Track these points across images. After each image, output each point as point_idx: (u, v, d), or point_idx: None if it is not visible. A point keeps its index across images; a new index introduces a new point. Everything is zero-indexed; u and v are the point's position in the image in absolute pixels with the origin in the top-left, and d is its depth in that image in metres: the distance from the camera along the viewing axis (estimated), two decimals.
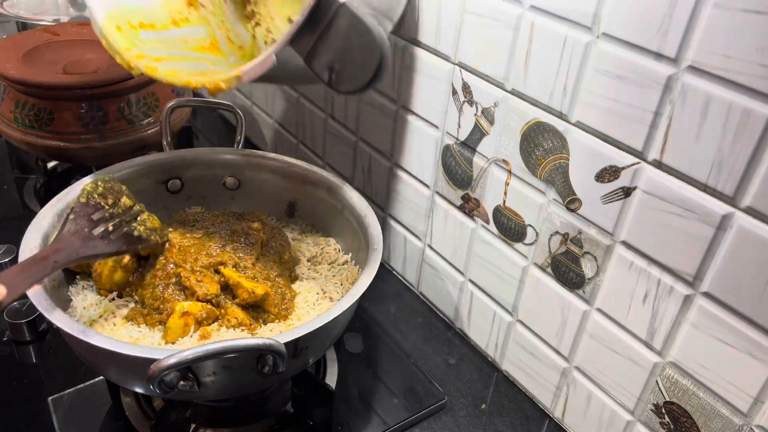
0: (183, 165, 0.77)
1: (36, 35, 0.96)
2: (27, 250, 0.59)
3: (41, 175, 1.01)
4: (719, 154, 0.47)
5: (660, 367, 0.57)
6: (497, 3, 0.61)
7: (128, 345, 0.51)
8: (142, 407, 0.66)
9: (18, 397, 0.67)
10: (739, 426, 0.52)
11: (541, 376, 0.71)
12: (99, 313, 0.62)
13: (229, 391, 0.58)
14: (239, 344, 0.48)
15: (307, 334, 0.53)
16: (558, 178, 0.61)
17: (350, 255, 0.73)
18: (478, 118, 0.68)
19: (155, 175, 0.76)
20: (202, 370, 0.52)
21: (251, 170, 0.78)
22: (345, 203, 0.72)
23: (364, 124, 0.86)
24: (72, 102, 0.85)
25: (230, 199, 0.79)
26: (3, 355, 0.72)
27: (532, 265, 0.67)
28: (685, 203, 0.50)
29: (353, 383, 0.72)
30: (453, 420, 0.70)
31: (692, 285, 0.52)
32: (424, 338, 0.81)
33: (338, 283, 0.69)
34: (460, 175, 0.73)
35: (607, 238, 0.58)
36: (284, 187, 0.78)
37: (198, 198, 0.79)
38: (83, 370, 0.70)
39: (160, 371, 0.47)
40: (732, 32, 0.44)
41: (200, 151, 0.78)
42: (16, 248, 0.81)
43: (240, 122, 0.79)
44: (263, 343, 0.49)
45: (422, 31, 0.71)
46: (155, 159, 0.75)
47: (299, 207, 0.78)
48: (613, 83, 0.53)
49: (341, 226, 0.74)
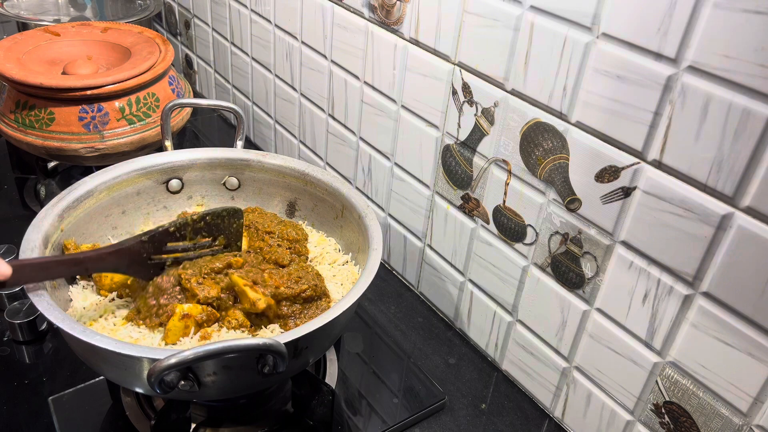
0: (183, 165, 0.77)
1: (36, 35, 0.96)
2: (27, 250, 0.59)
3: (41, 175, 1.01)
4: (719, 154, 0.47)
5: (660, 367, 0.57)
6: (497, 3, 0.61)
7: (129, 345, 0.51)
8: (142, 407, 0.66)
9: (18, 397, 0.67)
10: (738, 426, 0.52)
11: (541, 375, 0.71)
12: (99, 313, 0.62)
13: (230, 391, 0.58)
14: (240, 344, 0.48)
15: (307, 334, 0.53)
16: (558, 178, 0.61)
17: (350, 255, 0.73)
18: (478, 118, 0.68)
19: (155, 175, 0.76)
20: (202, 370, 0.52)
21: (251, 170, 0.78)
22: (345, 203, 0.72)
23: (365, 125, 0.86)
24: (72, 102, 0.85)
25: (230, 199, 0.80)
26: (3, 355, 0.72)
27: (532, 265, 0.67)
28: (684, 203, 0.51)
29: (353, 383, 0.72)
30: (453, 420, 0.70)
31: (692, 285, 0.52)
32: (424, 338, 0.81)
33: (339, 283, 0.69)
34: (460, 175, 0.73)
35: (607, 238, 0.58)
36: (284, 186, 0.78)
37: (198, 198, 0.79)
38: (83, 370, 0.70)
39: (161, 371, 0.47)
40: (732, 32, 0.44)
41: (200, 151, 0.78)
42: (16, 248, 0.82)
43: (240, 123, 0.79)
44: (263, 344, 0.49)
45: (422, 31, 0.71)
46: (155, 159, 0.75)
47: (299, 207, 0.78)
48: (613, 83, 0.53)
49: (341, 226, 0.74)
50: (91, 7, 1.34)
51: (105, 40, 0.98)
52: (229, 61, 1.20)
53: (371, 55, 0.80)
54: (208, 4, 1.20)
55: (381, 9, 0.76)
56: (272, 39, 1.02)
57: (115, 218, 0.73)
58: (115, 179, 0.72)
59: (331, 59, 0.89)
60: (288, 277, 0.63)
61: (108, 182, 0.71)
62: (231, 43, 1.17)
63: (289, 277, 0.63)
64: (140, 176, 0.74)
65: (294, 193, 0.78)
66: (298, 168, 0.76)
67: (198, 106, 0.87)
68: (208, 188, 0.79)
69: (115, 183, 0.72)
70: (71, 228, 0.67)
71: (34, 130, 0.86)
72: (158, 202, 0.76)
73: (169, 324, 0.59)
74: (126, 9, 1.33)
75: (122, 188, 0.73)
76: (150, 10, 1.26)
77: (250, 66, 1.12)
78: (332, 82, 0.90)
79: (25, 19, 1.16)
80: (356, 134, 0.89)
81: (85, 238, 0.69)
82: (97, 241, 0.71)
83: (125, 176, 0.73)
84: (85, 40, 0.98)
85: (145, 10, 1.27)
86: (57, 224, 0.65)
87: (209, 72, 1.30)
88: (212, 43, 1.24)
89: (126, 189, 0.73)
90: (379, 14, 0.77)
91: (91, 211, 0.70)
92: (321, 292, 0.64)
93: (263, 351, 0.49)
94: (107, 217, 0.72)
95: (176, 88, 0.96)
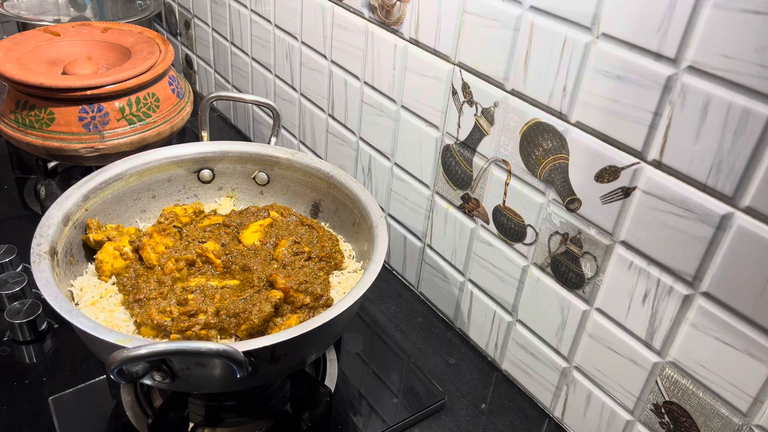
0: (215, 156, 0.78)
1: (36, 35, 0.96)
2: (46, 226, 0.62)
3: (41, 175, 1.01)
4: (719, 154, 0.47)
5: (659, 366, 0.57)
6: (497, 3, 0.61)
7: (102, 328, 0.51)
8: (142, 407, 0.66)
9: (18, 397, 0.67)
10: (738, 426, 0.52)
11: (541, 375, 0.71)
12: (100, 294, 0.63)
13: (206, 386, 0.57)
14: (192, 347, 0.47)
15: (281, 342, 0.52)
16: (558, 178, 0.61)
17: (361, 264, 0.71)
18: (478, 119, 0.68)
19: (187, 164, 0.77)
20: (176, 363, 0.51)
21: (281, 168, 0.78)
22: (362, 211, 0.70)
23: (365, 125, 0.86)
24: (72, 102, 0.85)
25: (259, 194, 0.80)
26: (3, 355, 0.72)
27: (532, 265, 0.67)
28: (684, 203, 0.51)
29: (353, 383, 0.72)
30: (453, 420, 0.70)
31: (692, 285, 0.52)
32: (424, 338, 0.81)
33: (342, 291, 0.68)
34: (460, 175, 0.73)
35: (607, 238, 0.58)
36: (311, 187, 0.77)
37: (228, 190, 0.80)
38: (83, 370, 0.70)
39: (118, 363, 0.46)
40: (731, 32, 0.44)
41: (232, 144, 0.79)
42: (16, 248, 0.82)
43: (276, 119, 0.80)
44: (218, 349, 0.48)
45: (422, 31, 0.71)
46: (188, 148, 0.77)
47: (323, 209, 0.77)
48: (612, 83, 0.53)
49: (357, 233, 0.73)
50: (91, 7, 1.34)
51: (105, 40, 0.98)
52: (229, 61, 1.20)
53: (371, 55, 0.80)
54: (208, 4, 1.20)
55: (381, 9, 0.76)
56: (272, 39, 1.02)
57: (144, 202, 0.74)
58: (146, 165, 0.73)
59: (331, 59, 0.89)
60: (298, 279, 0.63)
61: (139, 167, 0.73)
62: (231, 43, 1.17)
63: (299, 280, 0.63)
64: (172, 164, 0.76)
65: (319, 195, 0.77)
66: (324, 169, 0.76)
67: (238, 101, 0.88)
68: (239, 181, 0.80)
69: (146, 168, 0.73)
70: (96, 208, 0.69)
71: (34, 130, 0.86)
72: (189, 190, 0.77)
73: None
74: (126, 9, 1.33)
75: (153, 174, 0.74)
76: (150, 10, 1.26)
77: (250, 66, 1.12)
78: (332, 82, 0.90)
79: (25, 19, 1.16)
80: (356, 134, 0.89)
81: (111, 219, 0.71)
82: (125, 222, 0.73)
83: (157, 162, 0.74)
84: (85, 40, 0.98)
85: (145, 10, 1.27)
86: (81, 203, 0.67)
87: (209, 72, 1.30)
88: (212, 43, 1.24)
89: (157, 175, 0.75)
90: (379, 14, 0.77)
91: (119, 193, 0.72)
92: (322, 304, 0.64)
93: (216, 357, 0.48)
94: (137, 201, 0.74)
95: (176, 88, 0.96)
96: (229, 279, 0.65)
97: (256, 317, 0.59)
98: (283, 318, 0.61)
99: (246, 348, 0.50)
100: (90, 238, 0.66)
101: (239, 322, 0.59)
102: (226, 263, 0.67)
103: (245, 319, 0.59)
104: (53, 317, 0.76)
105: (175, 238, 0.68)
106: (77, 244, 0.66)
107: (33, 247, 0.59)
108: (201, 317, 0.58)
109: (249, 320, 0.59)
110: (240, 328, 0.59)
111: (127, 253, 0.66)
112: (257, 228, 0.71)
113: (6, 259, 0.81)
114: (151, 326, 0.58)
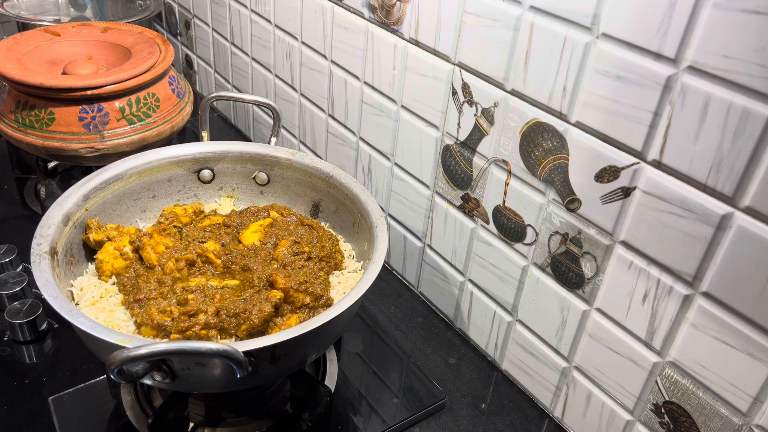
0: (215, 157, 0.78)
1: (36, 35, 0.96)
2: (46, 226, 0.61)
3: (41, 175, 1.01)
4: (719, 154, 0.47)
5: (659, 366, 0.57)
6: (497, 3, 0.61)
7: (102, 328, 0.51)
8: (142, 406, 0.66)
9: (18, 397, 0.67)
10: (738, 426, 0.52)
11: (541, 375, 0.71)
12: (100, 294, 0.63)
13: (206, 386, 0.57)
14: (192, 347, 0.47)
15: (281, 342, 0.51)
16: (558, 178, 0.61)
17: (361, 264, 0.71)
18: (478, 119, 0.68)
19: (187, 164, 0.77)
20: (176, 363, 0.51)
21: (281, 168, 0.78)
22: (362, 211, 0.70)
23: (365, 125, 0.86)
24: (72, 102, 0.85)
25: (259, 194, 0.80)
26: (3, 355, 0.72)
27: (532, 265, 0.67)
28: (684, 203, 0.51)
29: (353, 383, 0.72)
30: (453, 420, 0.70)
31: (692, 285, 0.52)
32: (424, 338, 0.81)
33: (342, 291, 0.68)
34: (460, 175, 0.73)
35: (607, 238, 0.58)
36: (310, 187, 0.77)
37: (228, 190, 0.80)
38: (83, 370, 0.70)
39: (118, 363, 0.46)
40: (731, 32, 0.44)
41: (232, 144, 0.79)
42: (16, 248, 0.82)
43: (276, 120, 0.80)
44: (218, 349, 0.48)
45: (422, 31, 0.71)
46: (188, 149, 0.77)
47: (323, 209, 0.77)
48: (612, 83, 0.53)
49: (358, 233, 0.73)
50: (91, 7, 1.34)
51: (105, 40, 0.98)
52: (229, 61, 1.20)
53: (371, 56, 0.80)
54: (208, 4, 1.20)
55: (381, 9, 0.76)
56: (272, 39, 1.02)
57: (145, 202, 0.74)
58: (146, 165, 0.73)
59: (331, 59, 0.89)
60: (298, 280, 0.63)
61: (139, 167, 0.73)
62: (231, 43, 1.17)
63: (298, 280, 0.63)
64: (172, 164, 0.76)
65: (319, 195, 0.77)
66: (324, 169, 0.76)
67: (238, 101, 0.88)
68: (239, 181, 0.80)
69: (146, 168, 0.73)
70: (97, 208, 0.69)
71: (34, 130, 0.86)
72: (189, 190, 0.78)
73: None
74: (126, 9, 1.33)
75: (153, 174, 0.74)
76: (150, 10, 1.26)
77: (250, 66, 1.12)
78: (332, 82, 0.90)
79: (25, 19, 1.16)
80: (356, 134, 0.89)
81: (111, 219, 0.71)
82: (125, 222, 0.73)
83: (157, 162, 0.74)
84: (86, 40, 0.98)
85: (145, 10, 1.27)
86: (81, 203, 0.67)
87: (209, 72, 1.30)
88: (212, 43, 1.24)
89: (157, 175, 0.75)
90: (379, 14, 0.77)
91: (119, 193, 0.72)
92: (322, 303, 0.64)
93: (218, 357, 0.48)
94: (137, 201, 0.74)
95: (176, 88, 0.96)
96: (229, 279, 0.65)
97: (256, 317, 0.59)
98: (283, 318, 0.61)
99: (246, 348, 0.50)
100: (90, 238, 0.66)
101: (239, 322, 0.59)
102: (226, 263, 0.67)
103: (245, 319, 0.59)
104: (53, 317, 0.76)
105: (175, 238, 0.68)
106: (77, 244, 0.66)
107: (33, 247, 0.59)
108: (201, 317, 0.58)
109: (249, 320, 0.59)
110: (240, 328, 0.59)
111: (127, 253, 0.66)
112: (257, 228, 0.71)
113: (6, 259, 0.81)
114: (151, 326, 0.58)
